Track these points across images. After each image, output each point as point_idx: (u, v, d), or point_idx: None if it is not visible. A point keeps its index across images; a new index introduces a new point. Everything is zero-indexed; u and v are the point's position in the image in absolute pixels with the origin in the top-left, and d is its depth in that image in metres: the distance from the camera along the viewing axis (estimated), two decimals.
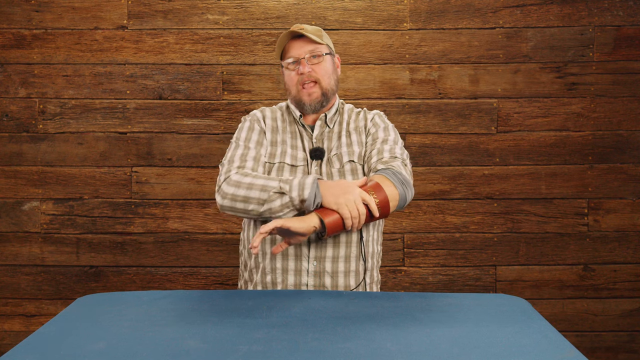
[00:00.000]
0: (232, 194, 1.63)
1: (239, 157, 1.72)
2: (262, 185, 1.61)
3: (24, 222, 2.75)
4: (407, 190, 1.66)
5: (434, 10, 2.74)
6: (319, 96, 1.77)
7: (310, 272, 1.69)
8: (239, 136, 1.79)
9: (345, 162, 1.75)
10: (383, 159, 1.71)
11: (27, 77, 2.75)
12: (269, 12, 2.75)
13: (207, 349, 1.16)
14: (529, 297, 2.75)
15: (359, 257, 1.73)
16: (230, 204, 1.64)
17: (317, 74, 1.76)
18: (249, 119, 1.83)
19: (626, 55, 2.74)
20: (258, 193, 1.61)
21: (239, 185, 1.63)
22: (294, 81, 1.77)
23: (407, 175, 1.68)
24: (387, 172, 1.65)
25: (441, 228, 2.77)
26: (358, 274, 1.73)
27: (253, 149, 1.75)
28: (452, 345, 1.18)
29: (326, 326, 1.29)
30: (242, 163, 1.70)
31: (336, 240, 1.70)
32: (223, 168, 1.71)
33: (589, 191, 2.76)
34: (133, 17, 2.74)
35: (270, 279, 1.72)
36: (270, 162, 1.75)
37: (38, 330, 1.29)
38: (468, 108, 2.75)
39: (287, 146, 1.77)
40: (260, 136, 1.79)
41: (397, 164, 1.69)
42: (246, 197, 1.62)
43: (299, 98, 1.77)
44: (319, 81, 1.76)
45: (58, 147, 2.75)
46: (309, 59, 1.75)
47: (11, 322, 2.78)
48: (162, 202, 2.75)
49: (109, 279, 2.76)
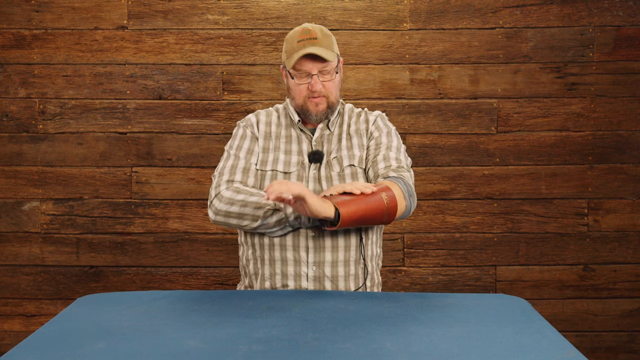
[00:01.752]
0: (225, 211, 1.65)
1: (228, 170, 1.72)
2: (256, 203, 1.62)
3: (24, 222, 2.75)
4: (412, 203, 1.69)
5: (434, 10, 2.74)
6: (325, 109, 1.76)
7: (309, 277, 1.69)
8: (231, 144, 1.79)
9: (345, 166, 1.74)
10: (392, 166, 1.71)
11: (27, 77, 2.75)
12: (269, 12, 2.75)
13: (207, 349, 1.16)
14: (529, 297, 2.75)
15: (358, 261, 1.73)
16: (224, 220, 1.66)
17: (327, 91, 1.74)
18: (242, 125, 1.82)
19: (626, 55, 2.74)
20: (252, 210, 1.62)
21: (231, 203, 1.64)
22: (302, 94, 1.74)
23: (413, 188, 1.71)
24: (399, 180, 1.66)
25: (441, 228, 2.77)
26: (358, 277, 1.73)
27: (243, 159, 1.74)
28: (452, 345, 1.18)
29: (326, 326, 1.29)
30: (231, 176, 1.71)
31: (335, 244, 1.69)
32: (214, 181, 1.72)
33: (589, 191, 2.76)
34: (133, 17, 2.74)
35: (270, 285, 1.72)
36: (263, 169, 1.75)
37: (38, 330, 1.29)
38: (468, 108, 2.75)
39: (280, 152, 1.76)
40: (252, 144, 1.78)
41: (407, 176, 1.70)
42: (240, 214, 1.63)
43: (305, 108, 1.75)
44: (327, 97, 1.75)
45: (58, 147, 2.75)
46: (320, 75, 1.72)
47: (11, 322, 2.78)
48: (162, 202, 2.76)
49: (109, 279, 2.76)
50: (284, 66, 1.78)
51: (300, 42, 1.71)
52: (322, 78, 1.72)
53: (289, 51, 1.74)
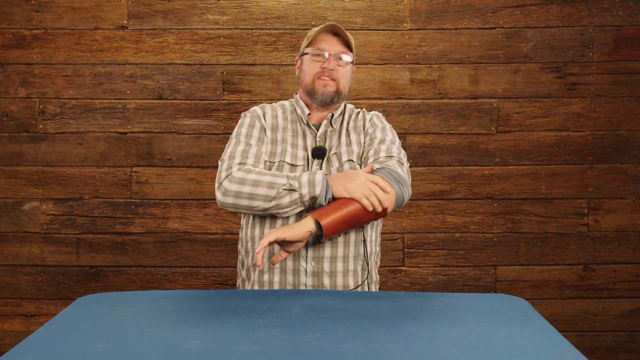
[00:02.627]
0: (235, 191, 1.61)
1: (240, 154, 1.69)
2: (269, 182, 1.60)
3: (24, 222, 2.75)
4: (404, 189, 1.66)
5: (434, 10, 2.74)
6: (332, 91, 1.77)
7: (308, 272, 1.69)
8: (239, 132, 1.76)
9: (344, 162, 1.74)
10: (379, 159, 1.71)
11: (27, 77, 2.75)
12: (269, 12, 2.75)
13: (207, 349, 1.15)
14: (529, 297, 2.75)
15: (357, 258, 1.73)
16: (234, 201, 1.62)
17: (338, 75, 1.77)
18: (249, 115, 1.81)
19: (626, 55, 2.74)
20: (265, 190, 1.60)
21: (243, 182, 1.61)
22: (314, 71, 1.77)
23: (403, 174, 1.68)
24: (382, 171, 1.65)
25: (441, 228, 2.77)
26: (357, 274, 1.73)
27: (255, 146, 1.72)
28: (452, 345, 1.18)
29: (326, 326, 1.29)
30: (243, 159, 1.68)
31: (334, 240, 1.69)
32: (223, 164, 1.68)
33: (589, 191, 2.76)
34: (133, 17, 2.74)
35: (268, 278, 1.71)
36: (271, 160, 1.73)
37: (38, 330, 1.29)
38: (468, 108, 2.75)
39: (288, 144, 1.76)
40: (261, 133, 1.76)
41: (393, 163, 1.69)
42: (252, 194, 1.60)
43: (312, 87, 1.77)
44: (337, 81, 1.77)
45: (58, 147, 2.75)
46: (336, 59, 1.77)
47: (11, 322, 2.78)
48: (162, 202, 2.75)
49: (109, 279, 2.76)
50: (302, 53, 1.82)
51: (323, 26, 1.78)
52: (338, 63, 1.77)
53: (310, 36, 1.80)
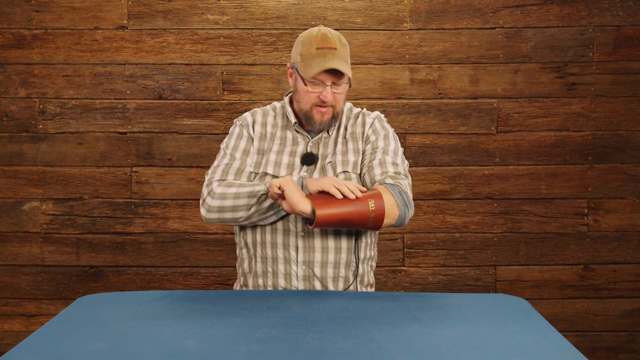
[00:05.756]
0: (218, 207, 1.65)
1: (222, 170, 1.73)
2: (249, 192, 1.63)
3: (24, 222, 2.75)
4: (408, 212, 1.66)
5: (434, 10, 2.74)
6: (329, 119, 1.73)
7: (299, 276, 1.70)
8: (228, 143, 1.80)
9: (338, 173, 1.73)
10: (389, 172, 1.69)
11: (27, 77, 2.75)
12: (269, 12, 2.75)
13: (207, 349, 1.16)
14: (529, 297, 2.75)
15: (349, 264, 1.72)
16: (218, 216, 1.67)
17: (336, 101, 1.71)
18: (239, 124, 1.82)
19: (626, 55, 2.74)
20: (246, 200, 1.63)
21: (224, 197, 1.65)
22: (311, 101, 1.70)
23: (411, 196, 1.68)
24: (394, 188, 1.64)
25: (441, 228, 2.77)
26: (347, 280, 1.73)
27: (238, 160, 1.75)
28: (451, 345, 1.18)
29: (326, 326, 1.29)
30: (223, 176, 1.72)
31: (325, 245, 1.69)
32: (207, 178, 1.73)
33: (589, 191, 2.76)
34: (133, 17, 2.74)
35: (262, 282, 1.73)
36: (255, 171, 1.75)
37: (38, 330, 1.29)
38: (468, 108, 2.75)
39: (272, 153, 1.76)
40: (247, 144, 1.78)
41: (405, 184, 1.68)
42: (234, 206, 1.64)
43: (311, 115, 1.72)
44: (334, 107, 1.72)
45: (58, 147, 2.75)
46: (333, 86, 1.69)
47: (11, 322, 2.78)
48: (162, 202, 2.76)
49: (109, 279, 2.76)
50: (296, 68, 1.72)
51: (320, 50, 1.67)
52: (334, 89, 1.69)
53: (305, 56, 1.68)
